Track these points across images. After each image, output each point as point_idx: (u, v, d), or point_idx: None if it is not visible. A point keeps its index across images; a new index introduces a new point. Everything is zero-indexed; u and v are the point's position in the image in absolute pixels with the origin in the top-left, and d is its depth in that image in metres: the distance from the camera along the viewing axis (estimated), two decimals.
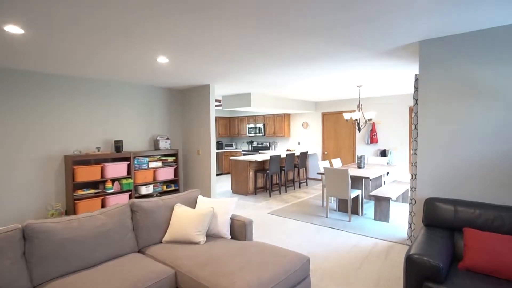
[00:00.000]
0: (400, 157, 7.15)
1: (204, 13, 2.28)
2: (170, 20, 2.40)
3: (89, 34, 2.68)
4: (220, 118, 10.46)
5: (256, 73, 4.49)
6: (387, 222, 4.62)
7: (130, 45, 3.01)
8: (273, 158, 6.59)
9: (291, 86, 5.74)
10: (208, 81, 5.06)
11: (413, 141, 3.60)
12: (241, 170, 6.88)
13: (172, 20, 2.40)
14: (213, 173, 5.44)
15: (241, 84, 5.42)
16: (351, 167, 5.91)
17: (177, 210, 2.86)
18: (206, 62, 3.71)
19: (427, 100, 3.01)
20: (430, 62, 2.95)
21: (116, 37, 2.77)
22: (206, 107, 5.42)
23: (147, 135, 5.40)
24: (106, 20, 2.38)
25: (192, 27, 2.54)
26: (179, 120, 5.94)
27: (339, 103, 8.16)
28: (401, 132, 7.13)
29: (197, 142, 5.64)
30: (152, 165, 5.17)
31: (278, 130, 9.23)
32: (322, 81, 5.21)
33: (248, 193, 6.77)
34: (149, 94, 5.42)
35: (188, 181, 5.91)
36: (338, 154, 8.24)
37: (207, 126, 5.41)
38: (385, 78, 4.98)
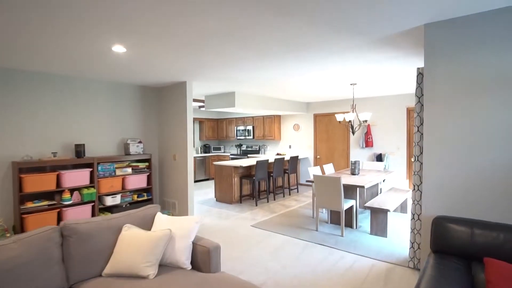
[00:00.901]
0: (397, 162, 6.64)
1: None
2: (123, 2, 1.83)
3: (31, 16, 2.10)
4: (207, 120, 9.88)
5: (236, 68, 3.94)
6: (384, 237, 4.07)
7: (79, 30, 2.44)
8: (260, 163, 6.03)
9: (279, 84, 5.20)
10: (184, 77, 4.49)
11: (415, 146, 3.06)
12: (225, 176, 6.30)
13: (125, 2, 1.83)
14: (191, 180, 4.86)
15: (222, 81, 4.86)
16: (344, 173, 5.36)
17: (124, 233, 2.28)
18: (175, 54, 3.15)
19: (434, 96, 2.47)
20: (438, 50, 2.42)
21: (63, 20, 2.20)
22: (183, 106, 4.85)
23: (115, 138, 4.81)
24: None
25: (151, 12, 1.99)
26: (155, 121, 5.35)
27: (332, 103, 7.64)
28: (398, 135, 6.62)
29: (174, 146, 5.06)
30: (120, 172, 4.57)
31: (267, 132, 8.69)
32: (313, 79, 4.68)
33: (232, 202, 6.20)
34: (119, 92, 4.82)
35: (164, 189, 5.31)
36: (331, 158, 7.70)
37: (184, 128, 4.84)
38: (381, 74, 4.45)
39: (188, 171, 4.81)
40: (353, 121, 5.03)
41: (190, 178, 4.84)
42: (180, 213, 4.98)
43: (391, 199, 4.53)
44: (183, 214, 4.90)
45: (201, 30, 2.53)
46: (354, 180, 4.61)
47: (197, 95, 6.38)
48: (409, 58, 3.49)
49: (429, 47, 2.46)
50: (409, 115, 6.47)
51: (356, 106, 5.63)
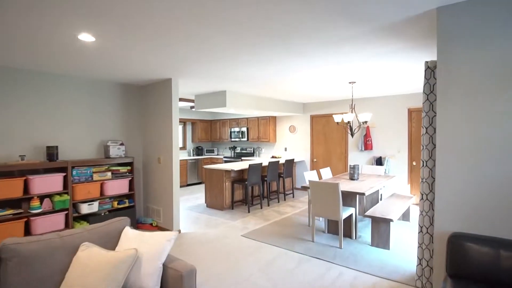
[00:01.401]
0: (398, 166, 6.30)
1: None
2: None
3: None
4: (200, 121, 9.50)
5: (224, 63, 3.57)
6: (387, 249, 3.71)
7: (36, 13, 2.06)
8: (252, 167, 5.65)
9: (272, 83, 4.84)
10: (169, 74, 4.12)
11: (423, 149, 2.71)
12: (216, 180, 5.92)
13: None
14: (176, 186, 4.47)
15: (212, 79, 4.49)
16: (342, 178, 5.00)
17: (81, 255, 1.89)
18: (154, 46, 2.78)
19: (450, 94, 2.12)
20: (454, 38, 2.07)
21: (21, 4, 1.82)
22: (168, 106, 4.47)
23: (94, 140, 4.41)
24: None
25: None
26: (138, 122, 4.97)
27: (329, 104, 7.29)
28: (399, 137, 6.28)
29: (159, 148, 4.67)
30: (99, 176, 4.17)
31: (262, 134, 8.32)
32: (308, 76, 4.32)
33: (223, 208, 5.81)
34: (97, 90, 4.44)
35: (148, 195, 4.92)
36: (329, 161, 7.35)
37: (169, 129, 4.45)
38: (383, 71, 4.11)
39: (173, 176, 4.42)
40: (352, 122, 4.68)
41: (175, 183, 4.46)
42: (165, 221, 4.59)
43: (393, 206, 4.17)
44: (168, 222, 4.51)
45: (182, 17, 2.16)
46: (354, 186, 4.25)
47: (187, 94, 6.00)
48: (416, 50, 3.14)
49: (443, 34, 2.11)
50: (410, 116, 6.14)
51: (355, 106, 5.25)
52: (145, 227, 4.70)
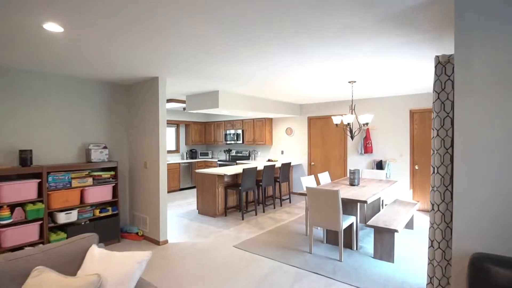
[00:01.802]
0: (400, 170, 6.01)
1: None
2: None
3: None
4: (194, 123, 9.18)
5: (214, 59, 3.27)
6: (391, 262, 3.40)
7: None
8: (246, 172, 5.34)
9: (267, 82, 4.54)
10: (155, 72, 3.81)
11: (434, 154, 2.41)
12: (208, 185, 5.60)
13: None
14: (163, 192, 4.15)
15: (202, 78, 4.19)
16: (342, 184, 4.70)
17: (31, 282, 1.57)
18: (135, 39, 2.47)
19: (470, 89, 1.82)
20: (476, 23, 1.77)
21: None
22: (154, 106, 4.15)
23: (74, 143, 4.09)
24: None
25: None
26: (124, 123, 4.64)
27: (327, 105, 7.00)
28: (401, 140, 5.99)
29: (145, 152, 4.35)
30: (78, 183, 3.84)
31: (258, 137, 8.01)
32: (305, 75, 4.03)
33: (216, 214, 5.49)
34: (79, 89, 4.12)
35: (134, 202, 4.59)
36: (327, 165, 7.05)
37: (156, 132, 4.14)
38: (385, 69, 3.82)
39: (160, 182, 4.10)
40: (352, 124, 4.38)
41: (162, 189, 4.14)
42: (151, 230, 4.26)
43: (397, 215, 3.87)
44: (155, 232, 4.18)
45: (165, 4, 1.86)
46: (354, 192, 3.94)
47: (178, 94, 5.69)
48: (425, 44, 2.85)
49: (462, 20, 1.81)
50: (412, 118, 5.86)
51: (355, 107, 4.96)
52: (130, 236, 4.37)
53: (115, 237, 4.19)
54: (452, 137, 2.36)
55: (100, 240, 3.99)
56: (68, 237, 3.71)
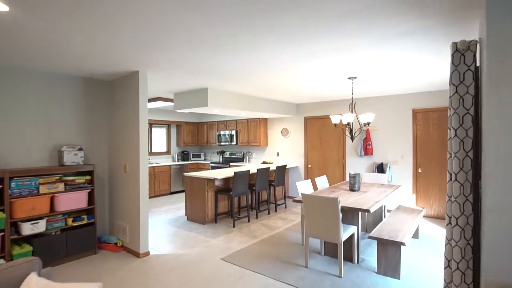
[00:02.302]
0: (402, 173, 5.65)
1: None
2: None
3: None
4: (186, 123, 8.79)
5: (198, 49, 2.89)
6: (397, 278, 3.03)
7: None
8: (238, 176, 4.95)
9: (258, 77, 4.17)
10: (135, 65, 3.42)
11: (452, 158, 2.05)
12: (198, 190, 5.20)
13: None
14: (143, 199, 3.75)
15: (188, 73, 3.80)
16: (341, 189, 4.33)
17: None
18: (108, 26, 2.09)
19: (507, 77, 1.45)
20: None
21: None
22: (134, 104, 3.76)
23: (45, 144, 3.68)
24: None
25: None
26: (104, 123, 4.24)
27: (325, 105, 6.64)
28: (403, 141, 5.64)
29: (125, 154, 3.95)
30: (47, 189, 3.44)
31: (252, 138, 7.63)
32: (301, 68, 3.66)
33: (206, 221, 5.09)
34: (50, 84, 3.71)
35: (115, 209, 4.18)
36: (325, 168, 6.68)
37: (136, 132, 3.75)
38: (389, 62, 3.46)
39: (140, 187, 3.71)
40: (352, 124, 4.01)
41: (143, 195, 3.74)
42: (131, 240, 3.86)
43: (402, 224, 3.50)
44: (135, 242, 3.78)
45: None
46: (355, 199, 3.57)
47: (165, 92, 5.30)
48: (438, 30, 2.48)
49: None
50: (415, 118, 5.50)
51: (355, 105, 4.58)
52: (108, 247, 3.97)
53: (91, 248, 3.78)
54: (474, 138, 1.99)
55: (74, 252, 3.60)
56: (34, 250, 3.32)
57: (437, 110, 5.28)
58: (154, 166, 7.50)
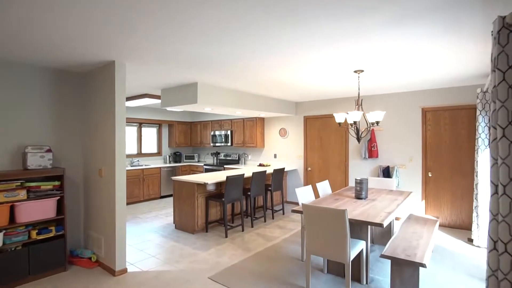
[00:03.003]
0: (410, 178, 5.19)
1: None
2: None
3: None
4: (179, 123, 8.30)
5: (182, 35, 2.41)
6: None
7: None
8: (231, 180, 4.48)
9: (253, 70, 3.70)
10: (111, 54, 2.94)
11: (498, 166, 1.59)
12: (186, 196, 4.72)
13: None
14: (120, 207, 3.27)
15: (174, 64, 3.33)
16: (345, 196, 3.86)
17: None
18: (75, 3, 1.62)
19: None
20: None
21: None
22: (110, 99, 3.29)
23: (5, 145, 3.19)
24: None
25: None
26: (79, 121, 3.76)
27: (326, 103, 6.18)
28: (411, 143, 5.18)
29: (100, 156, 3.47)
30: (5, 197, 2.95)
31: (248, 138, 7.16)
32: (300, 63, 3.19)
33: (195, 230, 4.61)
34: (12, 75, 3.22)
35: (89, 219, 3.69)
36: (326, 171, 6.21)
37: (111, 131, 3.27)
38: (402, 52, 3.00)
39: (116, 194, 3.22)
40: (359, 123, 3.55)
41: (119, 204, 3.25)
42: (107, 255, 3.37)
43: (418, 238, 3.03)
44: (111, 257, 3.29)
45: None
46: (363, 209, 3.10)
47: (151, 88, 4.82)
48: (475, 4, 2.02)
49: None
50: (425, 117, 5.05)
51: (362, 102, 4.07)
52: (81, 262, 3.47)
53: (59, 265, 3.28)
54: None
55: (39, 270, 3.11)
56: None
57: (449, 108, 4.82)
58: (143, 169, 7.00)
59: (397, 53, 2.96)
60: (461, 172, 4.75)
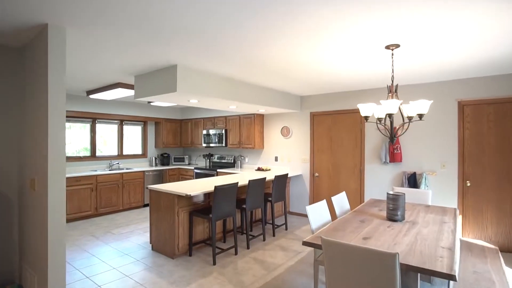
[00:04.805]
0: (443, 188, 4.22)
1: None
2: None
3: None
4: (166, 120, 7.32)
5: None
6: None
7: None
8: (221, 191, 3.50)
9: (250, 50, 2.72)
10: (43, 13, 1.97)
11: None
12: (165, 209, 3.74)
13: None
14: (54, 234, 2.28)
15: (140, 32, 2.36)
16: (371, 215, 2.87)
17: None
18: None
19: None
20: None
21: None
22: (42, 81, 2.31)
23: None
24: None
25: None
26: (12, 113, 2.77)
27: (338, 97, 5.20)
28: (444, 144, 4.21)
29: (33, 163, 2.49)
30: None
31: (245, 138, 6.17)
32: (324, 33, 2.23)
33: (175, 254, 3.63)
34: None
35: (24, 247, 2.71)
36: (336, 177, 5.23)
37: (43, 128, 2.29)
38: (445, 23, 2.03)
39: (48, 216, 2.24)
40: (392, 118, 2.57)
41: (53, 230, 2.27)
42: None
43: (488, 283, 2.05)
44: None
45: None
46: (410, 244, 2.12)
47: (123, 74, 3.84)
48: None
49: None
50: (462, 113, 4.08)
51: (397, 89, 3.04)
52: None
53: None
54: None
55: None
56: None
57: (495, 102, 3.85)
58: (123, 173, 6.02)
59: (438, 24, 1.99)
60: (509, 181, 3.79)
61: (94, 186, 5.56)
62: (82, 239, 4.38)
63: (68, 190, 5.19)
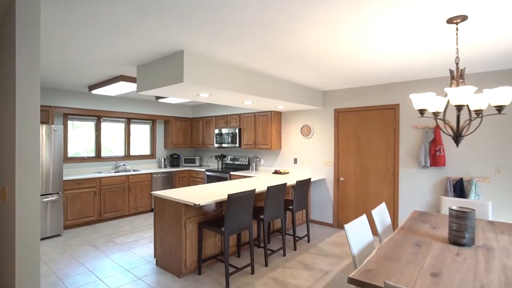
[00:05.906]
0: (498, 197, 3.55)
1: None
2: None
3: None
4: (176, 119, 6.85)
5: None
6: None
7: None
8: (235, 199, 2.96)
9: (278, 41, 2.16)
10: None
11: None
12: (171, 221, 3.24)
13: None
14: (26, 260, 1.79)
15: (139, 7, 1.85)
16: (425, 235, 2.26)
17: None
18: None
19: None
20: None
21: None
22: (9, 67, 1.83)
23: None
24: None
25: None
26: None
27: (367, 91, 4.58)
28: (498, 145, 3.54)
29: (5, 168, 2.01)
30: None
31: (261, 138, 5.62)
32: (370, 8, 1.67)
33: (182, 272, 3.11)
34: None
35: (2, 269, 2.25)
36: (364, 182, 4.60)
37: (10, 127, 1.80)
38: None
39: (16, 233, 1.75)
40: (463, 108, 1.94)
41: (23, 251, 1.78)
42: None
43: None
44: None
45: None
46: (497, 282, 1.51)
47: (124, 64, 3.37)
48: None
49: None
50: None
51: (463, 74, 2.45)
52: None
53: None
54: None
55: None
56: None
57: None
58: (129, 175, 5.58)
59: None
60: None
61: (98, 189, 5.14)
62: (80, 249, 3.94)
63: (69, 193, 4.78)
